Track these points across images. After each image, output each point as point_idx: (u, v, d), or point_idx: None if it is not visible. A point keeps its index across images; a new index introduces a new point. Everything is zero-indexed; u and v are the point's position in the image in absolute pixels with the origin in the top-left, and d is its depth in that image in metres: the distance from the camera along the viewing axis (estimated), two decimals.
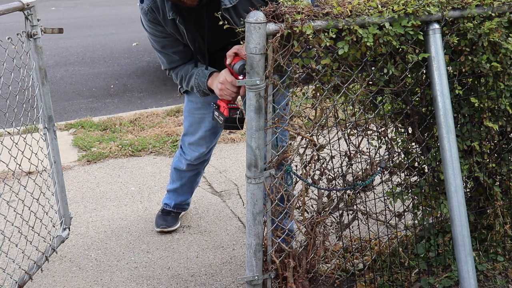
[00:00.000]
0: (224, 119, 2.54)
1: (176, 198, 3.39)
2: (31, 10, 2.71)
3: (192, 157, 3.11)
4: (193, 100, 2.95)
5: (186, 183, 3.32)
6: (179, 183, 3.32)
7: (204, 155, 3.13)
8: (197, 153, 3.08)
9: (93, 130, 4.88)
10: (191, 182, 3.33)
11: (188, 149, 3.11)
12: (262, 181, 2.28)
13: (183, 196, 3.39)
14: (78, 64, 7.30)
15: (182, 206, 3.44)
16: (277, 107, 2.27)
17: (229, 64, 2.43)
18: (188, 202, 3.47)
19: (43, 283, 2.92)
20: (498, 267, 2.76)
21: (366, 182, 2.49)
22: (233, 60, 2.43)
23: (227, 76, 2.51)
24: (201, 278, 2.94)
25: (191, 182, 3.33)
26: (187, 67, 2.72)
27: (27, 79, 2.83)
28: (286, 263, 2.47)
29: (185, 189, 3.35)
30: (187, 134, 3.07)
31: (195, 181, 3.35)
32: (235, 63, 2.42)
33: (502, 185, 2.74)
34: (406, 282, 2.68)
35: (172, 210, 3.40)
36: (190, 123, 3.03)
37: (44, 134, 2.94)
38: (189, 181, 3.31)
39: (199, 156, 3.10)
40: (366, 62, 2.32)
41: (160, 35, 2.62)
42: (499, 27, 2.40)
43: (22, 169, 2.86)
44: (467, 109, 2.57)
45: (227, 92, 2.51)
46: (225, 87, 2.50)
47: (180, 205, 3.42)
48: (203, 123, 2.99)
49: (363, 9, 2.24)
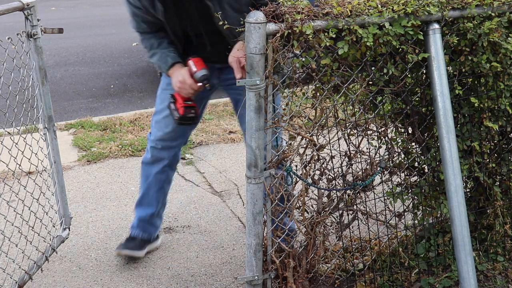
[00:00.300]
0: (179, 117, 2.62)
1: (141, 211, 3.08)
2: (31, 10, 2.71)
3: (156, 136, 2.90)
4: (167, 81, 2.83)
5: (152, 186, 3.02)
6: (145, 186, 3.04)
7: (171, 139, 2.89)
8: (161, 133, 2.87)
9: (93, 130, 4.88)
10: (157, 185, 3.02)
11: (153, 128, 2.92)
12: (262, 181, 2.28)
13: (148, 207, 3.06)
14: (78, 64, 7.30)
15: (148, 228, 3.08)
16: (277, 106, 2.28)
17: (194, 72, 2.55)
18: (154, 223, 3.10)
19: (43, 283, 2.92)
20: (498, 267, 2.76)
21: (366, 182, 2.49)
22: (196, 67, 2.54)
23: (187, 79, 2.57)
24: (201, 278, 2.94)
25: (156, 184, 3.02)
26: (153, 40, 2.68)
27: (27, 79, 2.83)
28: (286, 263, 2.47)
29: (150, 193, 3.04)
30: (156, 112, 2.91)
31: (162, 185, 3.03)
32: (199, 70, 2.54)
33: (502, 185, 2.74)
34: (406, 282, 2.68)
35: (137, 236, 3.07)
36: (161, 100, 2.87)
37: (44, 134, 2.93)
38: (155, 181, 3.01)
39: (163, 137, 2.88)
40: (366, 62, 2.32)
41: (133, 3, 2.60)
42: (499, 27, 2.40)
43: (22, 169, 2.86)
44: (467, 109, 2.57)
45: (184, 91, 2.60)
46: (183, 86, 2.57)
47: (144, 221, 3.07)
48: None
49: (363, 9, 2.24)
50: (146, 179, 3.04)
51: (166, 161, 2.97)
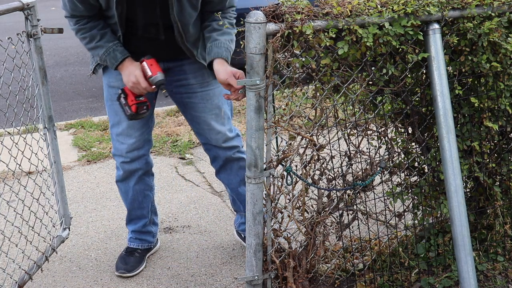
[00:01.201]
0: (131, 114, 2.61)
1: (133, 226, 3.05)
2: (31, 10, 2.71)
3: (121, 150, 2.80)
4: (114, 85, 2.71)
5: (135, 199, 2.95)
6: (128, 202, 2.98)
7: (137, 149, 2.80)
8: (126, 145, 2.77)
9: (93, 130, 4.88)
10: (139, 196, 2.95)
11: (116, 142, 2.81)
12: (262, 181, 2.28)
13: (139, 220, 3.02)
14: (78, 64, 7.30)
15: (144, 236, 3.06)
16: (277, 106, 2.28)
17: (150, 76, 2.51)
18: (150, 231, 3.06)
19: (43, 283, 2.92)
20: (498, 267, 2.76)
21: (366, 182, 2.49)
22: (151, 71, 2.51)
23: (141, 82, 2.52)
24: (201, 278, 2.94)
25: (139, 196, 2.95)
26: (95, 31, 2.53)
27: (27, 79, 2.83)
28: (286, 263, 2.47)
29: (136, 206, 2.97)
30: (113, 125, 2.79)
31: (144, 194, 2.96)
32: (154, 75, 2.51)
33: (502, 185, 2.74)
34: (406, 282, 2.68)
35: (136, 248, 3.04)
36: (114, 112, 2.75)
37: (44, 134, 2.93)
38: (135, 193, 2.93)
39: (129, 149, 2.78)
40: (366, 62, 2.32)
41: None
42: (499, 27, 2.40)
43: (22, 169, 2.86)
44: (467, 109, 2.57)
45: (137, 90, 2.56)
46: (136, 86, 2.54)
47: (140, 233, 3.05)
48: None
49: (363, 9, 2.24)
50: (127, 195, 2.96)
51: (140, 171, 2.89)
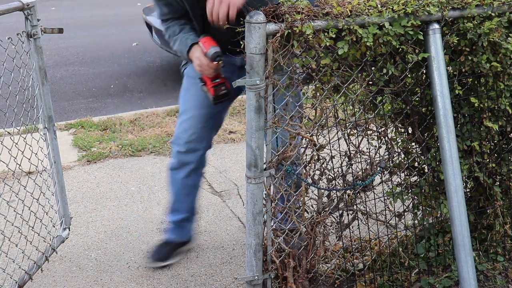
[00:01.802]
0: (212, 98, 2.64)
1: (172, 217, 3.07)
2: (31, 10, 2.71)
3: (180, 139, 2.83)
4: (191, 74, 2.80)
5: (180, 191, 2.98)
6: (173, 192, 3.00)
7: (195, 142, 2.83)
8: (186, 135, 2.81)
9: (93, 130, 4.88)
10: (184, 189, 2.98)
11: (177, 130, 2.85)
12: (262, 181, 2.28)
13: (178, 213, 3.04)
14: (78, 64, 7.29)
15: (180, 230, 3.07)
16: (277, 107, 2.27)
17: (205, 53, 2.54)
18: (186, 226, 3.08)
19: (43, 283, 2.92)
20: (498, 267, 2.76)
21: (366, 182, 2.49)
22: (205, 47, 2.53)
23: (202, 60, 2.56)
24: (201, 278, 2.94)
25: (184, 190, 2.98)
26: (176, 27, 2.66)
27: (27, 79, 2.83)
28: (286, 263, 2.47)
29: (179, 199, 3.00)
30: (181, 113, 2.85)
31: (189, 190, 2.99)
32: (208, 50, 2.52)
33: (502, 185, 2.74)
34: (406, 282, 2.68)
35: (170, 240, 3.07)
36: (184, 101, 2.84)
37: (44, 134, 2.93)
38: (182, 186, 2.96)
39: (187, 139, 2.81)
40: (366, 62, 2.32)
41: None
42: (499, 27, 2.40)
43: (22, 169, 2.86)
44: (467, 109, 2.57)
45: (205, 71, 2.58)
46: (202, 68, 2.56)
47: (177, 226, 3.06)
48: (197, 101, 2.79)
49: (363, 9, 2.24)
50: (173, 186, 2.98)
51: (192, 165, 2.89)
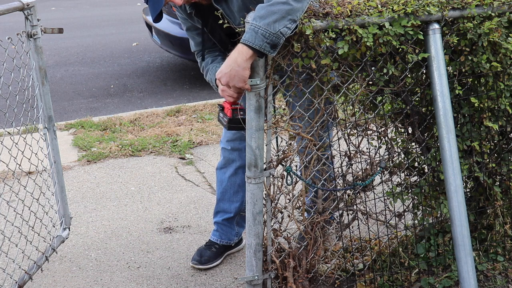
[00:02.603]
0: (228, 120, 2.55)
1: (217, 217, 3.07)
2: (31, 10, 2.71)
3: (225, 137, 2.92)
4: None
5: (227, 190, 3.01)
6: (220, 190, 3.03)
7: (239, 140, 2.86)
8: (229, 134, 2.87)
9: (93, 130, 4.88)
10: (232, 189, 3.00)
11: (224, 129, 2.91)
12: (262, 181, 2.28)
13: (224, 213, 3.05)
14: (78, 64, 7.29)
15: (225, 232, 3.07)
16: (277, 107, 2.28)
17: None
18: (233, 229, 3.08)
19: (43, 283, 2.92)
20: (498, 267, 2.76)
21: (366, 182, 2.49)
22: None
23: None
24: (201, 278, 2.94)
25: (231, 188, 3.00)
26: (209, 58, 2.70)
27: (27, 79, 2.84)
28: (286, 263, 2.47)
29: (225, 198, 3.03)
30: None
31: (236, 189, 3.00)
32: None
33: (502, 185, 2.74)
34: (406, 282, 2.68)
35: (215, 242, 3.07)
36: None
37: (44, 134, 2.94)
38: (229, 184, 3.00)
39: (231, 138, 2.89)
40: (366, 62, 2.32)
41: (182, 17, 2.66)
42: (499, 27, 2.40)
43: (22, 169, 2.86)
44: (467, 109, 2.57)
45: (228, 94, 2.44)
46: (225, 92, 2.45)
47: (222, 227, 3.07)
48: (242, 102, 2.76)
49: (363, 9, 2.24)
50: (221, 184, 3.02)
51: (238, 163, 2.94)
